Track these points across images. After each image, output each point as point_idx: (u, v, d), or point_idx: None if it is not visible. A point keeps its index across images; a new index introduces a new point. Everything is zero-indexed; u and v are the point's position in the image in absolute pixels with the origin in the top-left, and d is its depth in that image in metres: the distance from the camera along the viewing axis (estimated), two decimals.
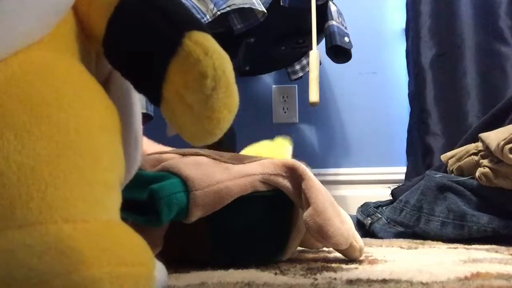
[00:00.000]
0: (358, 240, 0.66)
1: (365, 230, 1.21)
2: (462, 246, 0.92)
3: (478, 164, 1.00)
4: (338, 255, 0.69)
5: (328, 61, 1.48)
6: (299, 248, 0.75)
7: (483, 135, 0.99)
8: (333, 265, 0.64)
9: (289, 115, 1.77)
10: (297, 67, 1.64)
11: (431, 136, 1.58)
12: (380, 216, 1.21)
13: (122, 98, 0.43)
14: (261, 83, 1.79)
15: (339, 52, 1.40)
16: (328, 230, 0.60)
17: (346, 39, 1.37)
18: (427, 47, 1.64)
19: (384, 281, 0.52)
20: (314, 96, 1.22)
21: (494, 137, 0.94)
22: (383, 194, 1.37)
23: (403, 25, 1.74)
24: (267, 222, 0.66)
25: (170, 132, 0.42)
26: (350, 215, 0.72)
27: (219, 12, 1.15)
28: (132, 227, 0.35)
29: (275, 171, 0.63)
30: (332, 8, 1.38)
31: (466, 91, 1.59)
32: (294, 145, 1.80)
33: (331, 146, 1.76)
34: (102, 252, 0.31)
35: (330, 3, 1.38)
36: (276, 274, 0.57)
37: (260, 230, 0.65)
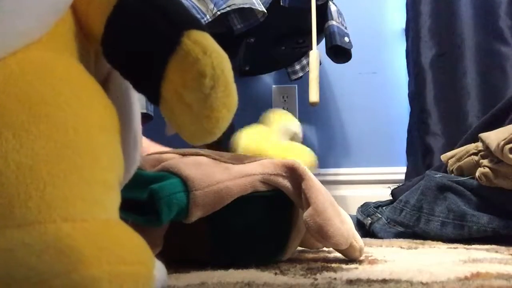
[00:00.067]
0: (358, 240, 0.66)
1: (365, 230, 1.21)
2: (462, 246, 0.92)
3: (478, 164, 1.00)
4: (338, 255, 0.69)
5: (328, 61, 1.48)
6: (299, 248, 0.75)
7: (483, 135, 0.99)
8: (333, 265, 0.64)
9: None
10: (297, 67, 1.64)
11: (431, 136, 1.58)
12: (380, 216, 1.20)
13: (121, 97, 0.43)
14: (261, 83, 1.79)
15: (339, 52, 1.40)
16: (328, 230, 0.60)
17: (346, 39, 1.37)
18: (427, 47, 1.64)
19: (384, 281, 0.52)
20: (314, 96, 1.22)
21: (494, 137, 0.94)
22: (383, 194, 1.37)
23: (403, 25, 1.74)
24: (267, 222, 0.66)
25: (169, 132, 0.42)
26: (350, 215, 0.72)
27: (219, 12, 1.15)
28: (132, 227, 0.35)
29: (275, 171, 0.63)
30: (332, 8, 1.38)
31: (466, 91, 1.59)
32: None
33: (331, 146, 1.76)
34: (101, 251, 0.31)
35: (330, 3, 1.38)
36: (276, 274, 0.57)
37: (260, 230, 0.65)
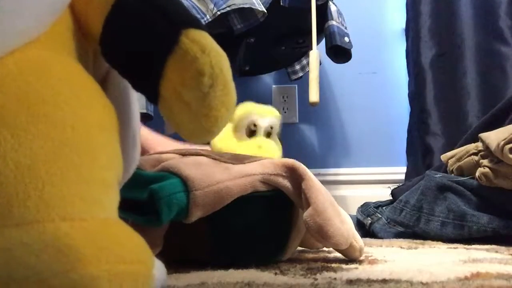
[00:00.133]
0: (358, 240, 0.66)
1: (365, 230, 1.21)
2: (462, 246, 0.92)
3: (478, 164, 1.00)
4: (338, 255, 0.69)
5: (328, 61, 1.48)
6: (299, 248, 0.75)
7: (483, 135, 0.99)
8: (333, 265, 0.64)
9: (289, 115, 1.76)
10: (297, 67, 1.64)
11: (431, 136, 1.58)
12: (380, 216, 1.20)
13: (119, 97, 0.43)
14: (261, 83, 1.79)
15: (339, 52, 1.40)
16: (328, 230, 0.60)
17: (346, 39, 1.37)
18: (427, 47, 1.64)
19: (384, 281, 0.52)
20: (314, 96, 1.22)
21: (494, 137, 0.94)
22: (383, 194, 1.37)
23: (403, 25, 1.74)
24: (267, 222, 0.66)
25: (168, 131, 0.42)
26: (350, 215, 0.72)
27: (219, 12, 1.15)
28: (132, 227, 0.35)
29: (275, 171, 0.63)
30: (332, 8, 1.38)
31: (466, 91, 1.59)
32: (294, 145, 1.81)
33: (331, 146, 1.76)
34: (100, 250, 0.31)
35: (330, 3, 1.38)
36: (276, 274, 0.57)
37: (260, 230, 0.65)
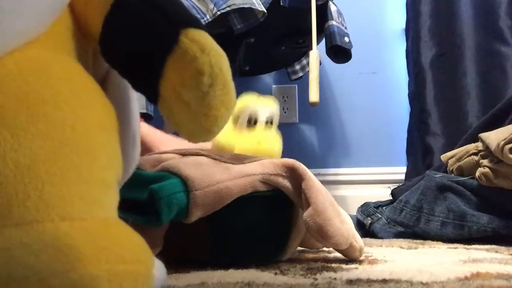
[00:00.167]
0: (358, 240, 0.66)
1: (365, 230, 1.21)
2: (462, 246, 0.92)
3: (478, 164, 1.00)
4: (338, 255, 0.69)
5: (328, 61, 1.48)
6: (299, 248, 0.75)
7: (483, 135, 0.99)
8: (333, 265, 0.64)
9: (289, 115, 1.76)
10: (297, 67, 1.64)
11: (431, 136, 1.58)
12: (380, 216, 1.20)
13: (119, 97, 0.43)
14: (261, 83, 1.79)
15: (339, 52, 1.40)
16: (328, 230, 0.60)
17: (346, 39, 1.37)
18: (427, 47, 1.64)
19: (384, 281, 0.52)
20: (314, 96, 1.22)
21: (494, 137, 0.94)
22: (383, 194, 1.37)
23: (403, 25, 1.74)
24: (267, 222, 0.66)
25: (167, 130, 0.42)
26: (350, 215, 0.72)
27: (219, 12, 1.15)
28: (132, 227, 0.35)
29: (275, 171, 0.63)
30: (332, 8, 1.38)
31: (466, 91, 1.59)
32: (294, 145, 1.81)
33: (331, 146, 1.76)
34: (100, 250, 0.31)
35: (330, 3, 1.38)
36: (276, 274, 0.57)
37: (260, 230, 0.65)
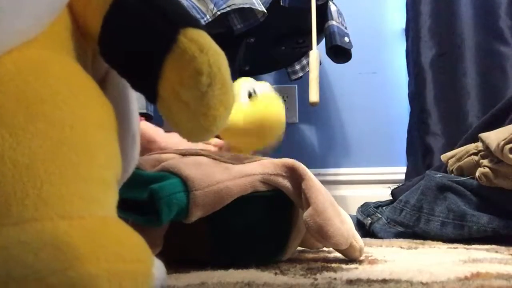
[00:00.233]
0: (358, 240, 0.66)
1: (365, 230, 1.21)
2: (462, 246, 0.92)
3: (478, 164, 1.00)
4: (338, 255, 0.69)
5: (328, 61, 1.48)
6: (299, 248, 0.75)
7: (483, 135, 0.99)
8: (333, 265, 0.64)
9: (289, 115, 1.76)
10: (297, 67, 1.64)
11: (431, 136, 1.58)
12: (380, 216, 1.20)
13: (118, 96, 0.43)
14: None
15: (339, 52, 1.40)
16: (328, 230, 0.60)
17: (346, 39, 1.37)
18: (427, 47, 1.64)
19: (384, 281, 0.52)
20: (314, 96, 1.22)
21: (494, 137, 0.94)
22: (383, 194, 1.37)
23: (403, 25, 1.74)
24: (267, 222, 0.66)
25: (167, 130, 0.42)
26: (350, 215, 0.72)
27: (219, 12, 1.15)
28: (132, 227, 0.35)
29: (275, 171, 0.63)
30: (332, 8, 1.38)
31: (466, 91, 1.59)
32: (294, 145, 1.81)
33: (331, 146, 1.76)
34: (99, 248, 0.31)
35: (330, 3, 1.38)
36: (276, 274, 0.57)
37: (260, 230, 0.65)
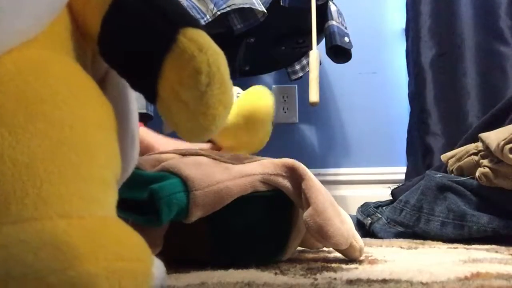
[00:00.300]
0: (358, 240, 0.66)
1: (365, 230, 1.21)
2: (462, 246, 0.92)
3: (478, 164, 1.00)
4: (338, 255, 0.69)
5: (328, 61, 1.48)
6: (299, 248, 0.75)
7: (483, 135, 0.99)
8: (333, 265, 0.64)
9: (289, 115, 1.76)
10: (297, 67, 1.64)
11: (431, 136, 1.58)
12: (380, 216, 1.20)
13: (118, 96, 0.43)
14: (261, 83, 1.78)
15: (339, 52, 1.40)
16: (328, 230, 0.60)
17: (346, 39, 1.37)
18: (427, 47, 1.64)
19: (384, 281, 0.52)
20: (314, 96, 1.22)
21: (494, 137, 0.94)
22: (383, 194, 1.37)
23: (403, 25, 1.74)
24: (267, 222, 0.66)
25: (166, 130, 0.42)
26: (350, 215, 0.72)
27: (219, 12, 1.15)
28: (132, 227, 0.35)
29: (275, 171, 0.63)
30: (332, 8, 1.38)
31: (466, 91, 1.59)
32: (294, 145, 1.81)
33: (331, 146, 1.76)
34: (98, 247, 0.31)
35: (330, 3, 1.38)
36: (276, 274, 0.57)
37: (260, 230, 0.65)
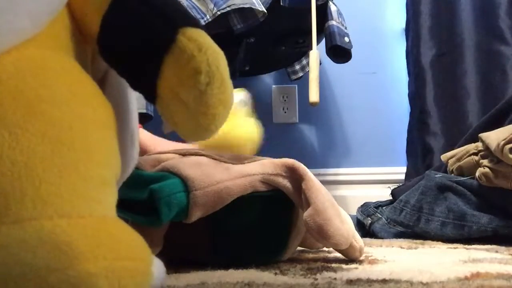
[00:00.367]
0: (358, 240, 0.66)
1: (365, 230, 1.21)
2: (462, 246, 0.92)
3: (478, 164, 1.00)
4: (338, 255, 0.69)
5: (328, 61, 1.48)
6: (299, 248, 0.75)
7: (483, 135, 0.99)
8: (333, 265, 0.64)
9: (289, 115, 1.77)
10: (297, 67, 1.64)
11: (431, 136, 1.58)
12: (380, 216, 1.20)
13: (118, 96, 0.43)
14: (261, 83, 1.79)
15: (339, 52, 1.40)
16: (328, 230, 0.60)
17: (346, 39, 1.37)
18: (427, 47, 1.64)
19: (384, 281, 0.52)
20: (314, 96, 1.22)
21: (494, 137, 0.94)
22: (383, 194, 1.37)
23: (403, 25, 1.74)
24: (267, 222, 0.66)
25: (166, 130, 0.42)
26: (350, 215, 0.72)
27: (219, 12, 1.15)
28: (132, 227, 0.35)
29: (275, 171, 0.63)
30: (332, 8, 1.38)
31: (466, 91, 1.59)
32: (294, 145, 1.81)
33: (331, 146, 1.76)
34: (97, 247, 0.31)
35: (330, 3, 1.38)
36: (276, 274, 0.57)
37: (260, 230, 0.65)
